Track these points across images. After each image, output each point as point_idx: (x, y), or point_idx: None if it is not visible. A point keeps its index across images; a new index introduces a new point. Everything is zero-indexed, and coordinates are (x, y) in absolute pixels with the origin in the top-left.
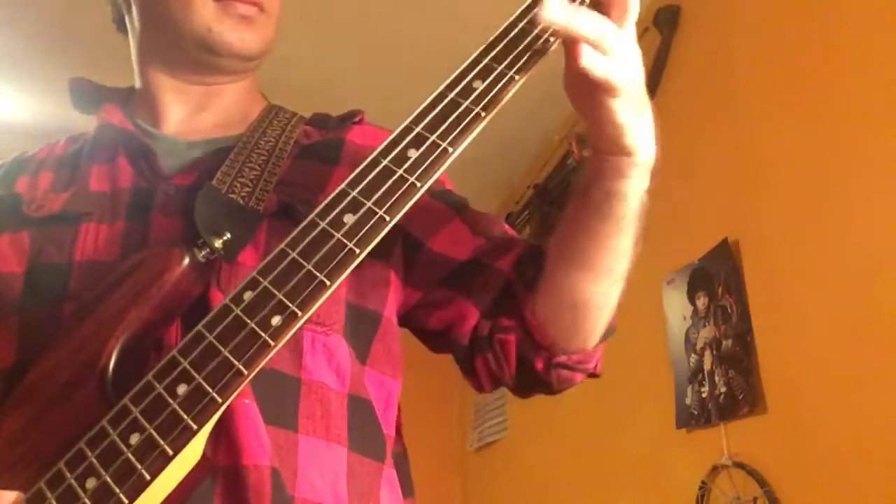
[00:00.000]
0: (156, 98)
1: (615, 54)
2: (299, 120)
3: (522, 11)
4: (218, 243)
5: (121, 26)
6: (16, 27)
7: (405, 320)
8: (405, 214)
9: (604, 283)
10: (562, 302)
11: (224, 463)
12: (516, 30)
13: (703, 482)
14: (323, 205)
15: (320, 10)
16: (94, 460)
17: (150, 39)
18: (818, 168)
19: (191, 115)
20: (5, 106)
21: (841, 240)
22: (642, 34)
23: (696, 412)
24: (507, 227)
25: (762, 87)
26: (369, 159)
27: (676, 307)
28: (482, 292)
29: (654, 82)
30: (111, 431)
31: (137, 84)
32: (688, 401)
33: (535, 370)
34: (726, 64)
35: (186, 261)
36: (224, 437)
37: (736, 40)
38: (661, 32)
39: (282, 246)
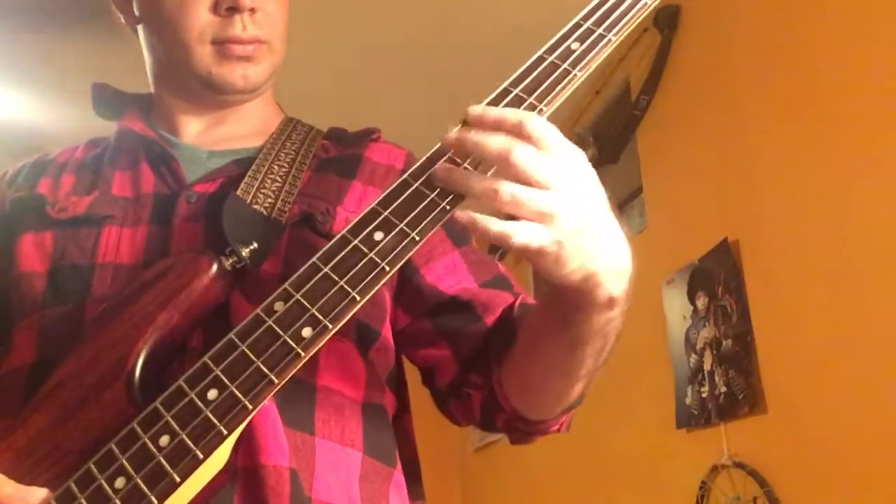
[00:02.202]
0: (172, 115)
1: (546, 217)
2: (317, 133)
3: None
4: (245, 252)
5: (138, 37)
6: (16, 27)
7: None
8: None
9: (561, 381)
10: (522, 383)
11: (244, 463)
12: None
13: (703, 482)
14: (354, 222)
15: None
16: (125, 461)
17: (159, 69)
18: (818, 168)
19: (209, 128)
20: (5, 106)
21: (841, 240)
22: (642, 34)
23: (696, 412)
24: (502, 268)
25: (762, 86)
26: (400, 180)
27: (676, 307)
28: (463, 346)
29: (654, 82)
30: (141, 433)
31: (154, 93)
32: (688, 401)
33: (496, 425)
34: (726, 64)
35: (215, 268)
36: (244, 438)
37: (736, 40)
38: (661, 32)
39: (313, 260)
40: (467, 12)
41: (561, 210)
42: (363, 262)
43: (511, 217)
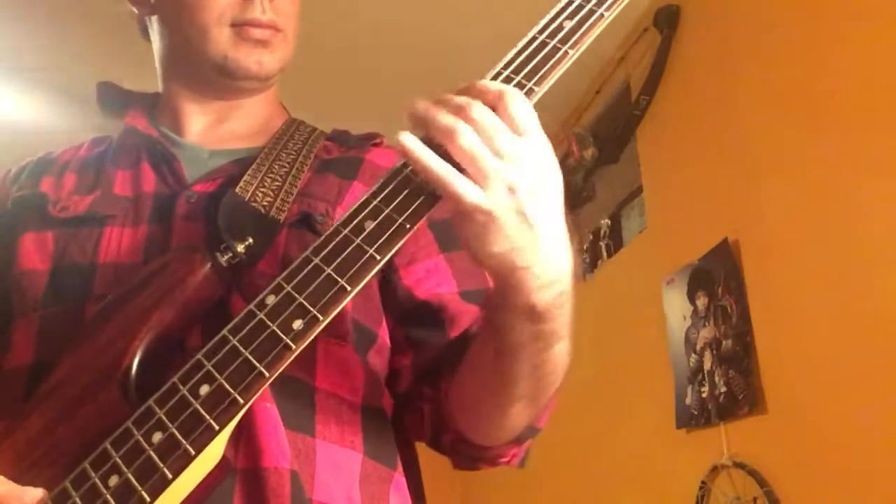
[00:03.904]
0: (178, 109)
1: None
2: (320, 135)
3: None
4: (241, 248)
5: (145, 35)
6: (16, 26)
7: None
8: None
9: (493, 400)
10: (462, 399)
11: (245, 465)
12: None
13: (703, 482)
14: (347, 213)
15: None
16: (118, 459)
17: (170, 59)
18: (818, 168)
19: (213, 125)
20: (5, 106)
21: (841, 240)
22: (642, 34)
23: (696, 412)
24: (489, 282)
25: (762, 86)
26: (392, 169)
27: (676, 307)
28: (422, 358)
29: (654, 82)
30: (135, 431)
31: (161, 90)
32: (688, 401)
33: (442, 444)
34: (726, 64)
35: (209, 264)
36: (245, 439)
37: (735, 40)
38: (661, 32)
39: (306, 253)
40: (466, 13)
41: (507, 181)
42: (351, 249)
43: None
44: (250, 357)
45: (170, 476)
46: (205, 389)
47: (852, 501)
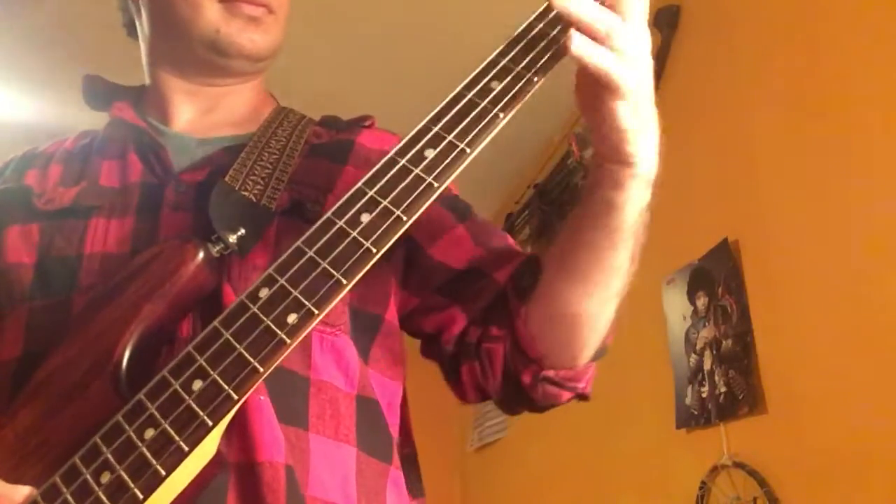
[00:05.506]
0: (166, 98)
1: (620, 51)
2: (309, 121)
3: (540, 13)
4: (232, 239)
5: (131, 31)
6: (16, 26)
7: (400, 323)
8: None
9: (597, 298)
10: (554, 314)
11: (239, 459)
12: (534, 31)
13: (703, 482)
14: (339, 203)
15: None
16: (109, 455)
17: (159, 43)
18: (818, 168)
19: (201, 114)
20: (5, 106)
21: (841, 240)
22: None
23: (696, 412)
24: (509, 238)
25: (762, 86)
26: (386, 158)
27: (676, 307)
28: (474, 300)
29: (653, 82)
30: (126, 426)
31: (148, 83)
32: (688, 401)
33: (522, 383)
34: (726, 64)
35: (201, 255)
36: (239, 433)
37: (736, 40)
38: (661, 32)
39: (298, 244)
40: (460, 10)
41: (632, 51)
42: (347, 243)
43: None
44: (244, 352)
45: (163, 473)
46: (198, 385)
47: (852, 501)
